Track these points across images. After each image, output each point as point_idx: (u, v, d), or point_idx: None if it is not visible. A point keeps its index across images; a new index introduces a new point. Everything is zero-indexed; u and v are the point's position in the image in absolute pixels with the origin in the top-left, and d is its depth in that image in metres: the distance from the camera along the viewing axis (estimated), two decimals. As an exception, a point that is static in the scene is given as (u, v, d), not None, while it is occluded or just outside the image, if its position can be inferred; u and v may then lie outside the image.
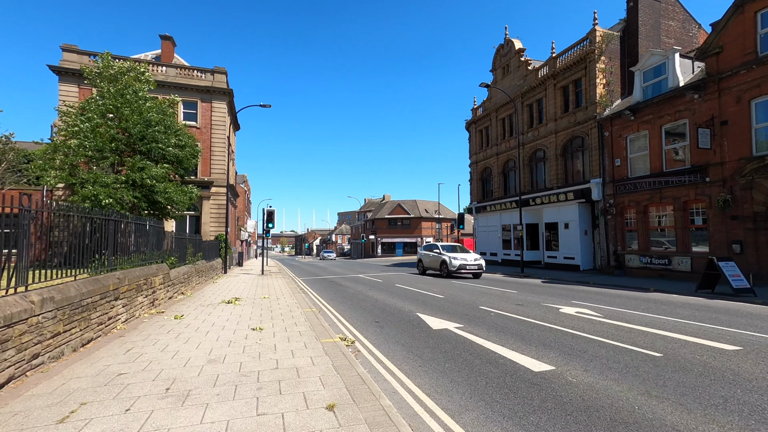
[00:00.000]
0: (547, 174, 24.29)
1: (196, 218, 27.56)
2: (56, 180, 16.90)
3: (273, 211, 22.49)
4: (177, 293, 11.61)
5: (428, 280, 18.26)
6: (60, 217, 6.00)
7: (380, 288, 15.03)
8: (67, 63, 24.86)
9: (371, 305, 10.75)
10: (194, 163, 20.68)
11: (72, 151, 17.05)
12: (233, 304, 10.20)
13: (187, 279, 13.30)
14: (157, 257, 10.62)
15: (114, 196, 15.86)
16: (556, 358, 5.33)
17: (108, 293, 6.50)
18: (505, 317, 8.33)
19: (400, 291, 13.83)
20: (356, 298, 12.44)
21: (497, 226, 29.74)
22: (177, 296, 11.48)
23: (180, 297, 11.54)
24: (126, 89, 18.14)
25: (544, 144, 23.99)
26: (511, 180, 28.66)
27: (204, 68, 28.59)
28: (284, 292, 13.20)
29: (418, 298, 11.92)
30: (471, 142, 34.20)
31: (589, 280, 16.36)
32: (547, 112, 23.69)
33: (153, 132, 17.63)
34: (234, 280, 18.58)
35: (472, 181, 33.74)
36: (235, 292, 13.06)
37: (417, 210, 62.94)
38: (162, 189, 17.26)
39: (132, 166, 16.80)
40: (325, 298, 12.72)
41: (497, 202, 29.17)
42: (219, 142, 27.63)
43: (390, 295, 12.64)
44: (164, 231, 11.80)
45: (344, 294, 13.57)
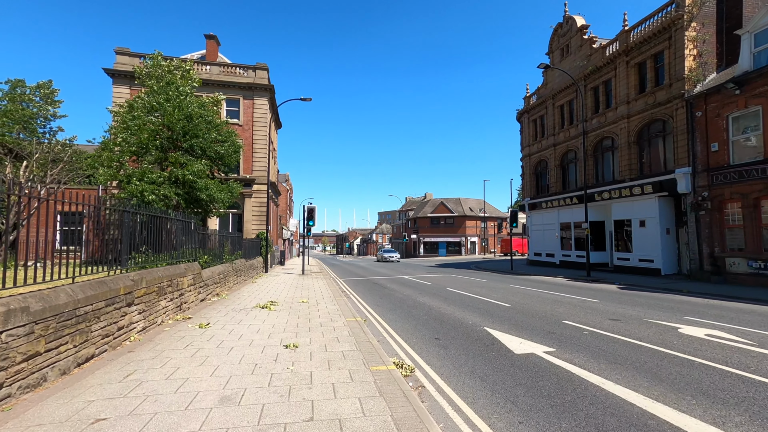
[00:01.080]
0: (616, 165, 21.35)
1: (238, 216, 27.34)
2: (104, 177, 16.95)
3: (314, 207, 21.52)
4: (211, 294, 10.68)
5: (483, 283, 16.32)
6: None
7: (431, 292, 13.37)
8: (120, 65, 25.43)
9: (425, 314, 9.14)
10: (236, 158, 20.17)
11: (118, 148, 17.04)
12: (268, 310, 9.01)
13: (223, 279, 12.42)
14: (189, 255, 9.70)
15: (158, 193, 15.55)
16: (743, 424, 3.41)
17: (117, 298, 5.41)
18: (606, 339, 6.37)
19: (454, 297, 12.09)
20: (405, 304, 10.88)
21: (554, 224, 26.94)
22: (210, 298, 10.54)
23: (213, 299, 10.59)
24: (169, 86, 17.94)
25: (613, 131, 21.07)
26: (570, 173, 25.78)
27: (246, 65, 28.34)
28: (324, 296, 11.94)
29: (478, 306, 10.14)
30: (523, 133, 31.49)
31: (679, 287, 13.65)
32: (616, 94, 20.76)
33: (194, 127, 17.23)
34: (273, 280, 17.72)
35: (525, 176, 31.05)
36: (272, 295, 11.97)
37: (461, 208, 60.32)
38: (203, 186, 16.80)
39: (174, 162, 16.43)
40: (369, 303, 11.27)
41: (554, 198, 26.40)
42: (261, 139, 27.21)
43: (444, 302, 10.95)
44: (196, 228, 10.90)
45: (391, 299, 12.05)
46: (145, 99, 17.97)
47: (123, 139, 16.89)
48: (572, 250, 24.84)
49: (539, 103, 28.53)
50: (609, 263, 22.55)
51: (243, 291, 12.95)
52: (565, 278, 18.91)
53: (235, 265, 14.67)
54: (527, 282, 16.97)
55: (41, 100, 30.08)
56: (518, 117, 32.57)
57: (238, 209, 27.15)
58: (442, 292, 13.24)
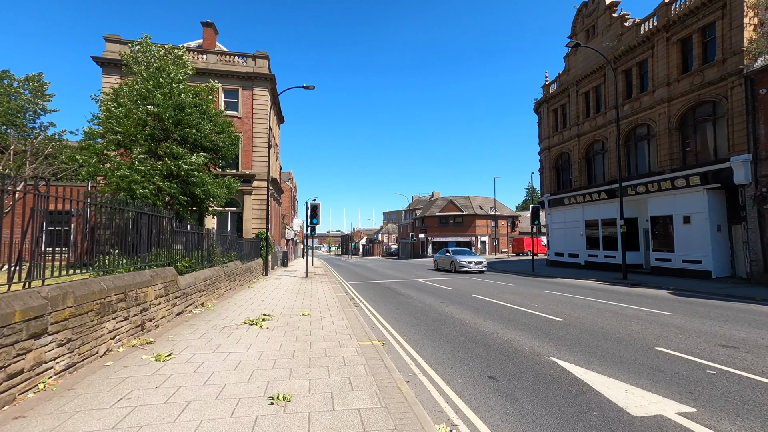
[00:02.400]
0: (653, 155, 19.18)
1: (237, 215, 25.53)
2: (87, 170, 15.28)
3: (317, 204, 19.60)
4: (193, 306, 8.76)
5: (511, 288, 14.27)
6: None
7: (455, 300, 11.35)
8: (110, 54, 23.77)
9: (459, 333, 7.14)
10: (233, 151, 18.37)
11: (103, 139, 15.35)
12: (258, 327, 7.05)
13: (210, 285, 10.51)
14: (163, 259, 7.78)
15: (149, 186, 13.81)
16: None
17: (7, 329, 3.46)
18: (756, 386, 4.31)
19: (486, 306, 10.06)
20: (429, 317, 8.87)
21: (578, 222, 24.80)
22: (192, 310, 8.62)
23: (196, 311, 8.66)
24: (160, 72, 16.18)
25: (650, 117, 18.90)
26: (597, 166, 23.61)
27: (245, 53, 26.51)
28: (330, 305, 9.97)
29: (523, 320, 8.12)
30: (542, 125, 29.35)
31: (746, 293, 11.53)
32: (654, 76, 18.60)
33: (186, 116, 15.47)
34: (273, 284, 15.80)
35: (544, 171, 28.90)
36: (268, 304, 10.02)
37: (470, 207, 58.12)
38: (199, 180, 15.06)
39: (168, 153, 14.67)
40: (385, 315, 9.28)
41: (579, 193, 24.25)
42: (261, 132, 25.35)
43: (477, 314, 8.93)
44: (173, 225, 8.98)
45: (410, 309, 10.05)
46: (133, 86, 16.25)
47: (107, 129, 15.21)
48: (600, 250, 22.70)
49: (560, 91, 26.40)
50: (644, 264, 20.39)
51: (235, 299, 11.02)
52: (598, 281, 16.80)
53: (227, 269, 12.77)
54: (559, 286, 14.88)
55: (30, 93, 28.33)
56: (536, 108, 30.44)
57: (237, 207, 25.34)
58: (468, 300, 11.22)
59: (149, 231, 7.34)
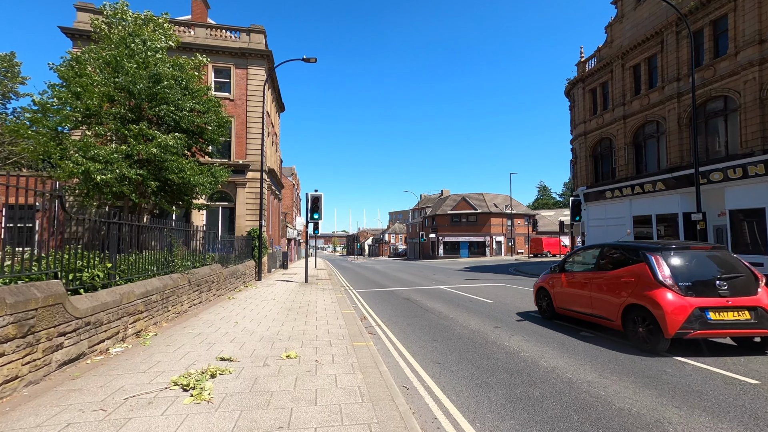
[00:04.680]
0: (733, 134, 15.58)
1: (229, 210, 22.34)
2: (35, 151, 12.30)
3: (319, 196, 16.29)
4: (113, 340, 5.45)
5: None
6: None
7: (512, 323, 7.93)
8: (81, 24, 20.66)
9: (583, 416, 3.74)
10: (220, 133, 15.16)
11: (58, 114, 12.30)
12: (192, 400, 3.68)
13: (160, 302, 7.21)
14: (38, 269, 4.50)
15: (111, 173, 10.76)
16: None
17: None
18: None
19: (573, 338, 6.64)
20: (496, 363, 5.46)
21: (624, 218, 21.22)
22: (108, 349, 5.31)
23: (114, 351, 5.33)
24: (132, 38, 13.08)
25: (729, 87, 15.31)
26: (650, 151, 19.99)
27: (238, 27, 23.30)
28: (333, 331, 6.62)
29: (674, 379, 4.70)
30: (575, 108, 25.77)
31: None
32: (736, 35, 15.00)
33: (162, 90, 12.35)
34: (263, 293, 12.48)
35: (579, 161, 25.31)
36: (240, 332, 6.67)
37: (484, 205, 54.49)
38: (174, 165, 11.94)
39: (136, 135, 11.60)
40: (423, 358, 5.86)
41: (625, 185, 20.67)
42: (256, 116, 22.10)
43: (575, 359, 5.51)
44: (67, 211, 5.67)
45: (458, 344, 6.63)
46: (99, 53, 13.13)
47: (63, 103, 12.14)
48: (655, 251, 19.06)
49: (600, 67, 22.81)
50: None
51: (198, 320, 7.70)
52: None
53: (195, 276, 9.46)
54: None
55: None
56: (568, 90, 26.86)
57: (229, 202, 22.16)
58: (533, 326, 7.77)
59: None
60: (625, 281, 6.20)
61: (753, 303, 5.43)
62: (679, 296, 5.47)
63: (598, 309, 6.72)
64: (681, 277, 5.66)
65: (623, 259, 6.57)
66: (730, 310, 5.40)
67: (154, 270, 7.84)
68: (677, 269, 5.73)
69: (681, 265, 5.80)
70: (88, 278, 5.23)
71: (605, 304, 6.52)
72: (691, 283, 5.60)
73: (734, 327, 5.39)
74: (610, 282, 6.53)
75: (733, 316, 5.39)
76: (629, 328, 6.03)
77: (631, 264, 6.27)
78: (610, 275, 6.59)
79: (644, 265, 5.94)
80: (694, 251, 6.09)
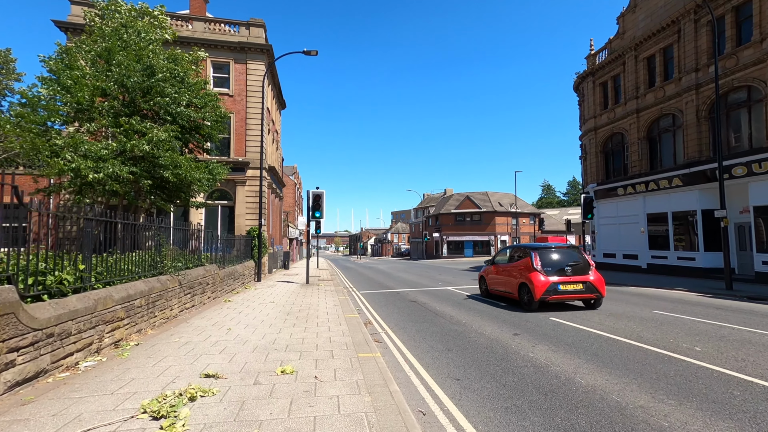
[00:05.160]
0: (757, 127, 14.77)
1: (229, 209, 21.72)
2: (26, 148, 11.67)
3: (321, 193, 15.59)
4: (85, 352, 4.77)
5: (610, 309, 10.08)
6: None
7: (531, 329, 7.19)
8: (75, 18, 20.10)
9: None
10: (219, 129, 14.51)
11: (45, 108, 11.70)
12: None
13: (145, 307, 6.55)
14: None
15: (103, 171, 10.14)
16: None
17: None
18: None
19: (599, 346, 5.91)
20: (523, 377, 4.73)
21: (637, 216, 20.44)
22: (77, 363, 4.62)
23: (84, 366, 4.64)
24: (126, 29, 12.47)
25: (753, 77, 14.50)
26: (666, 146, 19.19)
27: (237, 21, 22.66)
28: (335, 339, 5.90)
29: (714, 393, 3.98)
30: (585, 103, 24.97)
31: None
32: (761, 21, 14.19)
33: (157, 83, 11.73)
34: (261, 295, 11.80)
35: (588, 157, 24.51)
36: (231, 340, 5.97)
37: (489, 203, 53.64)
38: (169, 161, 11.31)
39: (128, 129, 10.98)
40: (439, 372, 5.13)
41: (638, 181, 19.89)
42: (256, 113, 21.46)
43: (606, 370, 4.78)
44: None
45: (476, 355, 5.90)
46: (92, 45, 12.52)
47: (52, 97, 11.54)
48: (671, 251, 18.31)
49: (612, 59, 22.01)
50: (737, 269, 15.96)
51: (189, 326, 7.02)
52: (689, 291, 12.53)
53: (187, 278, 8.80)
54: (653, 300, 10.59)
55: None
56: (577, 85, 26.09)
57: (228, 201, 21.53)
58: (553, 331, 7.04)
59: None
60: (520, 269, 9.58)
61: (585, 279, 9.00)
62: (544, 276, 8.89)
63: (508, 287, 10.20)
64: (545, 265, 9.08)
65: (521, 255, 9.90)
66: (571, 284, 8.93)
67: (139, 272, 7.16)
68: (544, 260, 9.13)
69: (546, 258, 9.20)
70: (54, 282, 4.54)
71: (510, 284, 10.00)
72: (551, 268, 9.04)
73: (574, 293, 9.00)
74: (513, 270, 9.95)
75: (573, 287, 8.94)
76: (521, 297, 9.41)
77: (524, 258, 9.60)
78: (514, 265, 10.02)
79: (528, 259, 9.28)
80: (556, 250, 9.48)
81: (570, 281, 8.86)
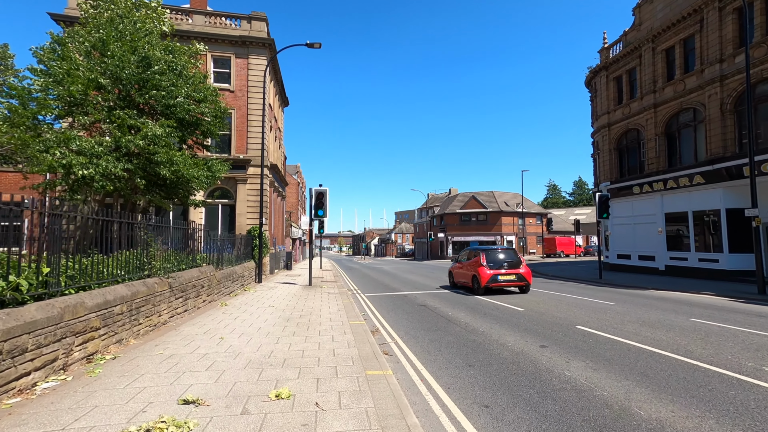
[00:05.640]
0: (784, 120, 13.87)
1: (229, 208, 21.05)
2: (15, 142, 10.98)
3: (324, 191, 14.86)
4: (47, 371, 4.05)
5: (621, 311, 9.24)
6: None
7: (558, 339, 6.40)
8: (72, 11, 19.47)
9: None
10: (219, 125, 13.80)
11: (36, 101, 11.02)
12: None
13: (128, 314, 5.84)
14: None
15: (96, 168, 9.45)
16: None
17: None
18: None
19: (645, 362, 5.12)
20: (567, 403, 3.95)
21: (654, 216, 19.53)
22: (32, 386, 3.89)
23: (40, 389, 3.91)
24: (121, 19, 11.81)
25: (782, 67, 13.60)
26: (686, 142, 18.27)
27: (238, 14, 22.02)
28: (339, 352, 5.13)
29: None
30: (597, 99, 24.06)
31: None
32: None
33: (153, 76, 11.04)
34: (261, 298, 11.07)
35: (601, 154, 23.60)
36: (224, 352, 5.23)
37: (495, 203, 52.69)
38: (165, 158, 10.61)
39: (122, 124, 10.30)
40: (462, 396, 4.36)
41: (656, 179, 18.99)
42: (258, 109, 20.77)
43: (667, 398, 4.00)
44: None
45: (509, 372, 5.11)
46: (86, 36, 11.85)
47: (43, 89, 10.90)
48: (691, 252, 17.40)
49: (627, 52, 21.11)
50: (765, 272, 15.01)
51: (176, 334, 6.29)
52: (718, 296, 11.68)
53: (179, 280, 8.09)
54: (682, 306, 9.74)
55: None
56: (589, 80, 25.18)
57: (229, 199, 20.87)
58: (585, 343, 6.24)
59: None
60: (471, 265, 12.92)
61: (517, 272, 12.22)
62: (488, 270, 12.12)
63: (466, 278, 13.39)
64: (489, 261, 12.34)
65: (475, 255, 13.08)
66: (507, 275, 12.14)
67: (123, 275, 6.46)
68: (488, 258, 12.39)
69: (490, 257, 12.45)
70: (7, 289, 3.81)
71: (467, 276, 13.26)
72: (493, 263, 12.31)
73: (509, 282, 12.18)
74: (469, 266, 13.24)
75: (508, 277, 12.14)
76: (473, 285, 12.69)
77: (476, 257, 12.78)
78: (469, 263, 13.29)
79: (479, 258, 12.52)
80: (497, 251, 12.69)
81: (506, 273, 12.18)
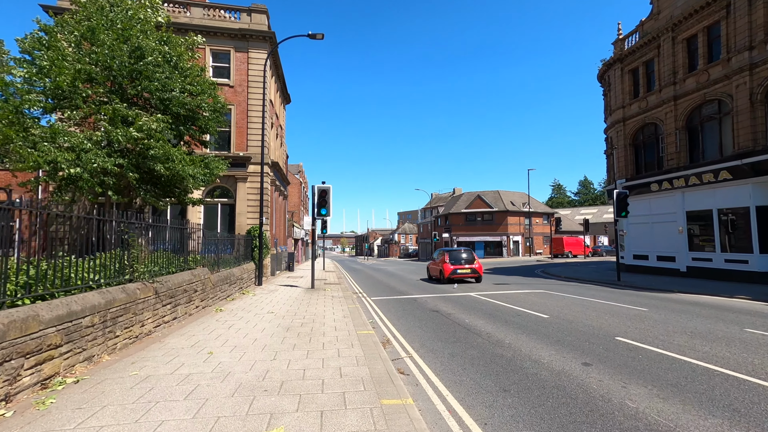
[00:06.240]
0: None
1: (229, 207, 20.24)
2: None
3: (327, 189, 14.01)
4: (24, 389, 3.21)
5: (657, 319, 8.31)
6: None
7: (602, 355, 5.52)
8: (64, 3, 18.70)
9: None
10: (217, 120, 12.96)
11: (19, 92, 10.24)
12: None
13: (101, 326, 5.00)
14: None
15: (85, 165, 8.64)
16: None
17: None
18: None
19: (745, 399, 4.23)
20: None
21: (674, 214, 18.54)
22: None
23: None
24: (112, 7, 11.00)
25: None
26: (709, 136, 17.28)
27: (238, 6, 21.18)
28: (347, 374, 4.25)
29: None
30: (612, 92, 23.08)
31: None
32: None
33: (147, 67, 10.22)
34: (260, 302, 10.21)
35: (617, 150, 22.61)
36: (207, 375, 4.36)
37: (501, 202, 51.68)
38: (160, 153, 9.78)
39: (112, 117, 9.46)
40: None
41: (676, 175, 18.00)
42: (258, 104, 19.95)
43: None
44: None
45: (556, 402, 4.21)
46: (75, 26, 11.04)
47: (28, 81, 10.14)
48: (716, 252, 16.40)
49: (644, 43, 20.13)
50: (799, 272, 14.06)
51: (159, 348, 5.44)
52: (757, 300, 10.68)
53: (165, 285, 7.24)
54: (717, 311, 8.80)
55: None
56: (602, 74, 24.21)
57: (229, 198, 20.06)
58: (645, 364, 5.34)
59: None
60: (440, 261, 17.32)
61: (471, 267, 16.67)
62: (450, 265, 16.58)
63: (435, 273, 18.00)
64: (451, 258, 16.95)
65: (442, 254, 17.60)
66: (465, 269, 16.58)
67: (97, 279, 5.62)
68: (451, 257, 17.07)
69: (452, 255, 17.19)
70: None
71: (437, 270, 17.62)
72: (454, 260, 16.85)
73: (466, 274, 16.55)
74: (439, 262, 17.53)
75: (465, 271, 16.56)
76: (440, 276, 16.94)
77: (443, 255, 17.35)
78: (439, 260, 17.62)
79: (444, 256, 17.12)
80: (458, 251, 17.53)
81: (463, 268, 16.49)
